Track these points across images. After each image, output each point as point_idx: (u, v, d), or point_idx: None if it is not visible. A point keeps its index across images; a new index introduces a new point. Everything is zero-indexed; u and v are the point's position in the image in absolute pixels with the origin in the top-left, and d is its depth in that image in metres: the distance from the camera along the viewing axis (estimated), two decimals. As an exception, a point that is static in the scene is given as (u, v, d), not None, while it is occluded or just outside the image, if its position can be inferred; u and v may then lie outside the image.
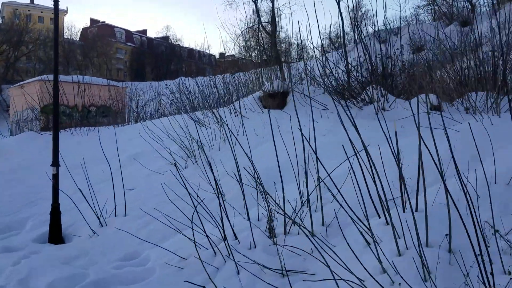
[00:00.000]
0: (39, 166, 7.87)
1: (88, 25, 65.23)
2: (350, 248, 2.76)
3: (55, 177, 4.81)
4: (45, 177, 7.09)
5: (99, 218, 5.12)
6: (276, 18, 21.42)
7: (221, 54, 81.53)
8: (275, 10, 21.34)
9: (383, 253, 2.77)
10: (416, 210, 3.24)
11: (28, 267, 3.90)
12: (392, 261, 2.69)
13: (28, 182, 7.35)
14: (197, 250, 3.50)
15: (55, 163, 4.85)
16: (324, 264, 2.63)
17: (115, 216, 5.24)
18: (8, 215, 5.82)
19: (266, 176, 4.27)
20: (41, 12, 58.96)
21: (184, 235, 3.82)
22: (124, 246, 4.42)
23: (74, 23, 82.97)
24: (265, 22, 27.17)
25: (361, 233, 3.07)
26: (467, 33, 10.69)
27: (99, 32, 60.47)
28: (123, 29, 65.62)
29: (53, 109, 4.83)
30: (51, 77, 24.19)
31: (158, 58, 65.66)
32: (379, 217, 3.37)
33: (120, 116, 23.82)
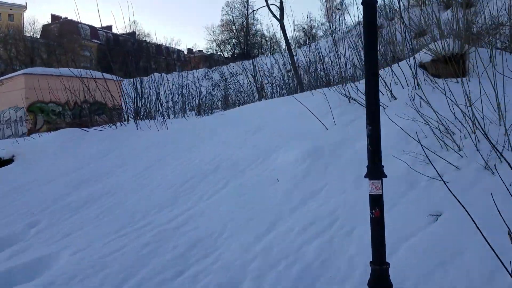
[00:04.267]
0: (126, 175, 5.21)
1: (50, 21, 60.62)
2: None
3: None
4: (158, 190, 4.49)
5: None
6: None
7: (189, 49, 78.36)
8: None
9: None
10: None
11: None
12: None
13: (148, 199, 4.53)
14: None
15: (376, 173, 2.01)
16: None
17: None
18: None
19: None
20: (-2, 8, 53.99)
21: None
22: None
23: (36, 18, 76.87)
24: (272, 4, 24.68)
25: None
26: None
27: (63, 29, 56.23)
28: (87, 25, 61.38)
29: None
30: (36, 70, 20.80)
31: (126, 55, 62.04)
32: None
33: (116, 113, 20.87)
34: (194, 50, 72.78)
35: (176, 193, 4.18)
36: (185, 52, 72.28)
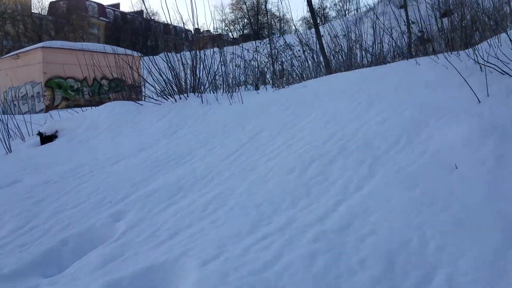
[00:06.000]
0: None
1: (57, -2, 58.94)
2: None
3: None
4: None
5: None
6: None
7: (196, 29, 77.16)
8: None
9: None
10: None
11: None
12: None
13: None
14: None
15: None
16: None
17: None
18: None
19: None
20: (5, -17, 52.33)
21: None
22: None
23: (44, -5, 74.81)
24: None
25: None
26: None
27: (70, 6, 54.71)
28: (95, 2, 59.86)
29: None
30: (55, 43, 19.67)
31: (134, 33, 61.03)
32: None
33: (135, 90, 19.91)
34: (202, 30, 71.25)
35: (302, 181, 3.20)
36: (193, 32, 70.80)
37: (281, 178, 3.31)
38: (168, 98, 6.49)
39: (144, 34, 61.81)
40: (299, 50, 8.27)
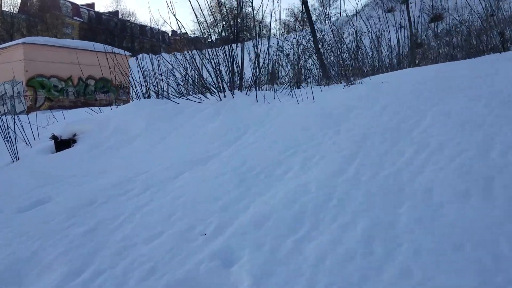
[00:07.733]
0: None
1: (29, -4, 56.29)
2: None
3: None
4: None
5: None
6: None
7: (173, 31, 76.35)
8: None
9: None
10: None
11: None
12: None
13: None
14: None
15: None
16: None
17: None
18: None
19: None
20: (-26, -21, 49.50)
21: None
22: None
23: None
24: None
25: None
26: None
27: (43, 4, 52.38)
28: (69, 2, 57.61)
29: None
30: (38, 39, 18.12)
31: (109, 34, 59.09)
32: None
33: (124, 91, 18.85)
34: (178, 32, 69.88)
35: (500, 210, 2.22)
36: (169, 34, 69.53)
37: (458, 205, 2.33)
38: (207, 97, 5.41)
39: (120, 35, 60.02)
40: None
